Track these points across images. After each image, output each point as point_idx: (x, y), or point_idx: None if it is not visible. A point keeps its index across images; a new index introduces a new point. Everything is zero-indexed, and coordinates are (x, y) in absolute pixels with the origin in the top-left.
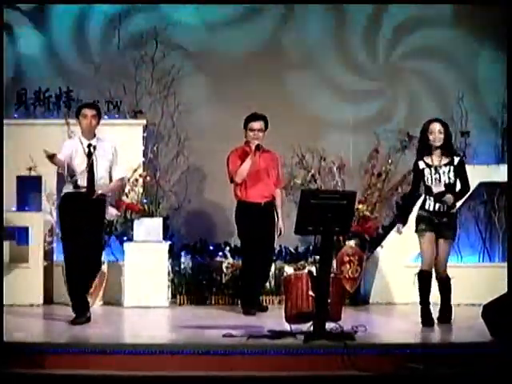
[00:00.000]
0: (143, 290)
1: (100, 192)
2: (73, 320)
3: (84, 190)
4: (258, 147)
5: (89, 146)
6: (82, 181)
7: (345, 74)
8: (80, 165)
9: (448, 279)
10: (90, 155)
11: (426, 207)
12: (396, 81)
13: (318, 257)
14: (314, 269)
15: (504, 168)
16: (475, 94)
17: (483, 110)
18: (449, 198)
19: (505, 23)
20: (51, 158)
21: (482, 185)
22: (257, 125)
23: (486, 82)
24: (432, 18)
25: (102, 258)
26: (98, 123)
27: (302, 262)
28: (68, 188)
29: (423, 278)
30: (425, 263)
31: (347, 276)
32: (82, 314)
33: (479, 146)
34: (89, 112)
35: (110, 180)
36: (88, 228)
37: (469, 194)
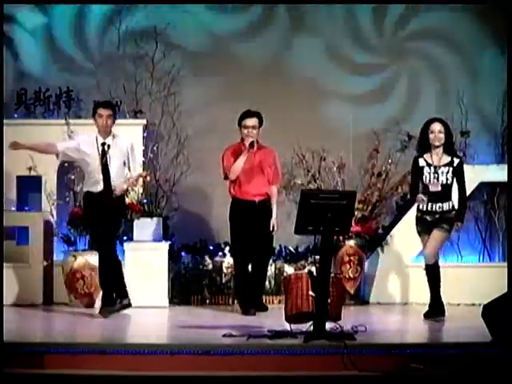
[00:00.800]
0: (143, 290)
1: (118, 192)
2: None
3: (100, 189)
4: (251, 144)
5: (103, 144)
6: (95, 179)
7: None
8: (90, 161)
9: (435, 268)
10: (103, 154)
11: (420, 207)
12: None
13: (318, 257)
14: (314, 269)
15: (504, 168)
16: (475, 93)
17: (483, 110)
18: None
19: (504, 23)
20: (15, 145)
21: (482, 185)
22: (250, 122)
23: (486, 81)
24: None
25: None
26: (113, 122)
27: (302, 262)
28: (87, 186)
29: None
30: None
31: (347, 276)
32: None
33: (479, 146)
34: (104, 112)
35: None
36: (108, 226)
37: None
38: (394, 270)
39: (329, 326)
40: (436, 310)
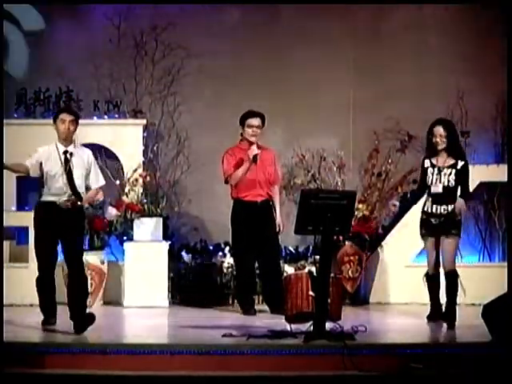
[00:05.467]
0: (143, 290)
1: (79, 203)
2: (44, 322)
3: (61, 197)
4: (255, 158)
5: (65, 152)
6: (58, 189)
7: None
8: (53, 171)
9: (455, 275)
10: (66, 162)
11: (425, 209)
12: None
13: (318, 257)
14: (314, 269)
15: (504, 168)
16: (475, 94)
17: (483, 109)
18: (459, 205)
19: (504, 23)
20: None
21: (481, 185)
22: (255, 121)
23: (486, 81)
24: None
25: (102, 258)
26: (75, 129)
27: (302, 262)
28: (46, 197)
29: (429, 280)
30: (429, 267)
31: (347, 276)
32: (52, 315)
33: (479, 145)
34: (67, 117)
35: (86, 189)
36: (67, 237)
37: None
38: (394, 270)
39: (329, 326)
40: (452, 316)
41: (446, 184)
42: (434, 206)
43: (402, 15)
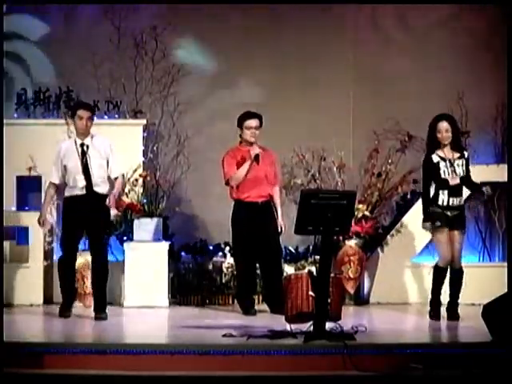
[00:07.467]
0: (143, 290)
1: (109, 201)
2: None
3: (83, 191)
4: (257, 158)
5: (82, 145)
6: (77, 181)
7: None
8: (71, 165)
9: (462, 271)
10: (83, 154)
11: (440, 202)
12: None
13: (318, 257)
14: (314, 269)
15: (504, 168)
16: (475, 93)
17: (483, 109)
18: (487, 188)
19: (504, 23)
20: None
21: (482, 185)
22: (254, 122)
23: (486, 81)
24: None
25: None
26: (92, 124)
27: (302, 262)
28: (68, 191)
29: (439, 272)
30: (442, 260)
31: (347, 276)
32: (68, 306)
33: (479, 145)
34: (85, 114)
35: (108, 177)
36: (92, 229)
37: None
38: (394, 270)
39: (329, 325)
40: (455, 312)
41: (461, 174)
42: (451, 199)
43: (401, 15)
